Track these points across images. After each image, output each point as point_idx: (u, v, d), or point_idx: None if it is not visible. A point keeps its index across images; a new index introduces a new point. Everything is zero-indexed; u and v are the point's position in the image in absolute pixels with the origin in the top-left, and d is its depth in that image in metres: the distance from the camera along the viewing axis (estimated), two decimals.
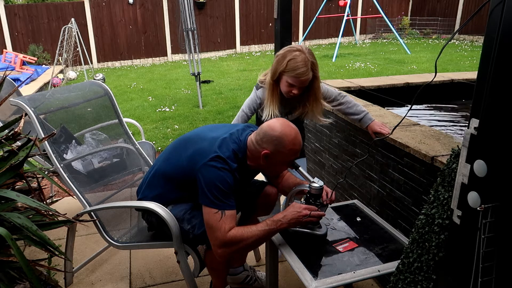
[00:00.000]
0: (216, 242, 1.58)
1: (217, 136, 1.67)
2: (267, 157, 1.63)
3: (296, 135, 1.62)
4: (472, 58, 8.96)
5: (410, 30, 13.48)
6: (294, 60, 1.87)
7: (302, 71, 1.87)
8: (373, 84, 3.47)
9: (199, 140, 1.70)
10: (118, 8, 10.94)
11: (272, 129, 1.61)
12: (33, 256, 2.43)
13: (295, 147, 1.63)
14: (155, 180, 1.85)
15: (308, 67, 1.88)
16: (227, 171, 1.58)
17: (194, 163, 1.62)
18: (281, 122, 1.64)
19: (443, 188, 1.24)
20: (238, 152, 1.66)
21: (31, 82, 7.70)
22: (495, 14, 0.84)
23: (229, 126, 1.79)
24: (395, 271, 1.42)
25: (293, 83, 1.91)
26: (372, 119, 2.16)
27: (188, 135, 1.81)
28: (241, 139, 1.69)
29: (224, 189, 1.56)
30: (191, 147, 1.69)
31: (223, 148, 1.62)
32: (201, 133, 1.76)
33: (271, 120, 1.69)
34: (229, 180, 1.58)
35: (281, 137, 1.59)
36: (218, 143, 1.63)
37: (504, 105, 0.85)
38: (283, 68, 1.90)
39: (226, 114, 5.76)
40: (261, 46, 12.71)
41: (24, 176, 1.77)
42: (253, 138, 1.67)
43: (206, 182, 1.57)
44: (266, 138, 1.61)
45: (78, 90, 2.66)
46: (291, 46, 1.94)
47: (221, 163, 1.58)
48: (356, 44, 12.71)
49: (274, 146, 1.61)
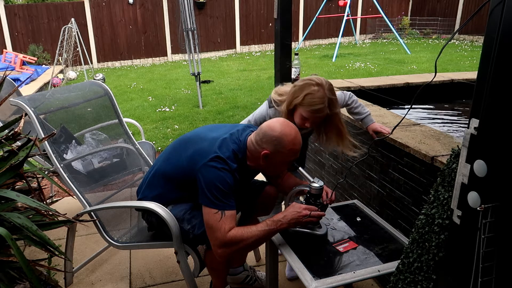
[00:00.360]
0: (216, 242, 1.58)
1: (217, 136, 1.67)
2: (267, 157, 1.63)
3: (296, 134, 1.62)
4: (472, 58, 8.96)
5: (410, 30, 13.48)
6: (312, 95, 1.79)
7: (319, 108, 1.79)
8: (373, 84, 3.48)
9: (199, 140, 1.70)
10: (118, 8, 10.94)
11: (271, 129, 1.61)
12: (33, 256, 2.43)
13: (295, 147, 1.63)
14: (155, 180, 1.85)
15: (325, 105, 1.80)
16: (227, 171, 1.58)
17: (194, 163, 1.62)
18: (281, 122, 1.64)
19: (443, 188, 1.24)
20: (238, 152, 1.66)
21: (31, 82, 7.70)
22: (495, 14, 0.84)
23: (229, 126, 1.79)
24: (395, 271, 1.42)
25: (307, 117, 1.84)
26: (373, 120, 2.16)
27: (188, 135, 1.81)
28: (241, 139, 1.69)
29: (224, 189, 1.56)
30: (191, 147, 1.69)
31: (223, 149, 1.62)
32: (201, 133, 1.76)
33: (270, 120, 1.69)
34: (229, 180, 1.58)
35: (281, 137, 1.59)
36: (218, 143, 1.63)
37: (504, 105, 0.85)
38: (299, 102, 1.82)
39: (226, 114, 5.76)
40: (261, 46, 12.71)
41: (24, 176, 1.77)
42: (252, 138, 1.67)
43: (206, 182, 1.57)
44: (265, 138, 1.61)
45: (78, 90, 2.66)
46: (311, 78, 1.83)
47: (221, 163, 1.58)
48: (356, 44, 12.71)
49: (274, 146, 1.61)
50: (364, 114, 2.16)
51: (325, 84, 1.81)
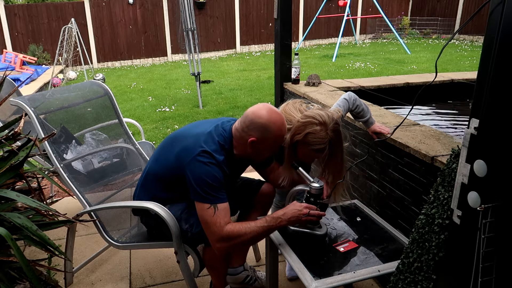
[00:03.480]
0: (213, 237, 1.58)
1: (201, 131, 1.68)
2: (254, 144, 1.63)
3: (282, 120, 1.62)
4: (472, 58, 8.96)
5: (410, 30, 13.48)
6: (313, 135, 1.69)
7: (319, 148, 1.72)
8: (373, 84, 3.48)
9: (184, 137, 1.71)
10: (118, 8, 10.94)
11: (258, 116, 1.60)
12: (33, 256, 2.43)
13: (282, 133, 1.63)
14: (147, 181, 1.87)
15: (326, 145, 1.72)
16: (214, 165, 1.59)
17: (181, 161, 1.62)
18: (267, 108, 1.62)
19: (443, 188, 1.24)
20: (223, 143, 1.66)
21: (31, 82, 7.70)
22: (495, 14, 0.84)
23: (213, 120, 1.79)
24: (395, 271, 1.42)
25: (308, 155, 1.78)
26: (374, 122, 2.16)
27: (174, 134, 1.81)
28: (225, 130, 1.69)
29: (213, 184, 1.57)
30: (178, 145, 1.70)
31: (209, 142, 1.62)
32: (186, 130, 1.77)
33: (255, 106, 1.66)
34: (217, 174, 1.59)
35: (268, 124, 1.59)
36: (203, 138, 1.64)
37: (504, 105, 0.85)
38: (300, 139, 1.73)
39: (226, 114, 5.76)
40: (261, 46, 12.71)
41: (24, 176, 1.77)
42: (237, 126, 1.67)
43: (194, 178, 1.57)
44: (252, 125, 1.61)
45: (78, 90, 2.66)
46: (315, 115, 1.69)
47: (208, 157, 1.59)
48: (356, 44, 12.71)
49: (260, 133, 1.60)
50: (365, 117, 2.15)
51: (329, 123, 1.70)
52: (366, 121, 2.14)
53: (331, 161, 1.83)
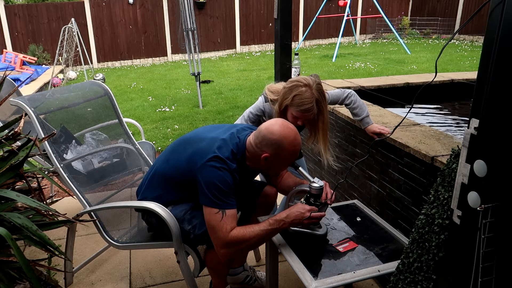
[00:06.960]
0: (218, 242, 1.58)
1: (215, 136, 1.67)
2: (267, 159, 1.63)
3: (295, 136, 1.62)
4: (472, 58, 8.96)
5: (410, 30, 13.47)
6: (300, 96, 1.87)
7: (307, 108, 1.88)
8: (373, 84, 3.48)
9: (197, 141, 1.70)
10: (118, 8, 10.94)
11: (271, 132, 1.61)
12: (33, 256, 2.43)
13: (295, 148, 1.63)
14: (154, 181, 1.85)
15: (313, 104, 1.89)
16: (226, 170, 1.58)
17: (193, 164, 1.62)
18: (279, 124, 1.63)
19: (443, 188, 1.24)
20: (237, 153, 1.66)
21: (31, 82, 7.70)
22: (495, 14, 0.84)
23: (228, 126, 1.79)
24: (395, 271, 1.42)
25: (298, 116, 1.93)
26: (371, 122, 2.17)
27: (187, 136, 1.81)
28: (240, 140, 1.69)
29: (223, 188, 1.56)
30: (190, 148, 1.69)
31: (222, 149, 1.62)
32: (200, 133, 1.76)
33: (269, 122, 1.67)
34: (229, 180, 1.58)
35: (281, 140, 1.59)
36: (217, 143, 1.63)
37: (504, 105, 0.85)
38: (289, 102, 1.91)
39: (226, 114, 5.76)
40: (261, 46, 12.71)
41: (24, 176, 1.77)
42: (252, 140, 1.66)
43: (205, 182, 1.57)
44: (265, 141, 1.61)
45: (78, 90, 2.66)
46: (298, 79, 1.91)
47: (220, 163, 1.58)
48: (356, 44, 12.70)
49: (273, 149, 1.61)
50: (361, 116, 2.17)
51: (312, 84, 1.89)
52: (361, 120, 2.17)
53: (319, 119, 1.99)
